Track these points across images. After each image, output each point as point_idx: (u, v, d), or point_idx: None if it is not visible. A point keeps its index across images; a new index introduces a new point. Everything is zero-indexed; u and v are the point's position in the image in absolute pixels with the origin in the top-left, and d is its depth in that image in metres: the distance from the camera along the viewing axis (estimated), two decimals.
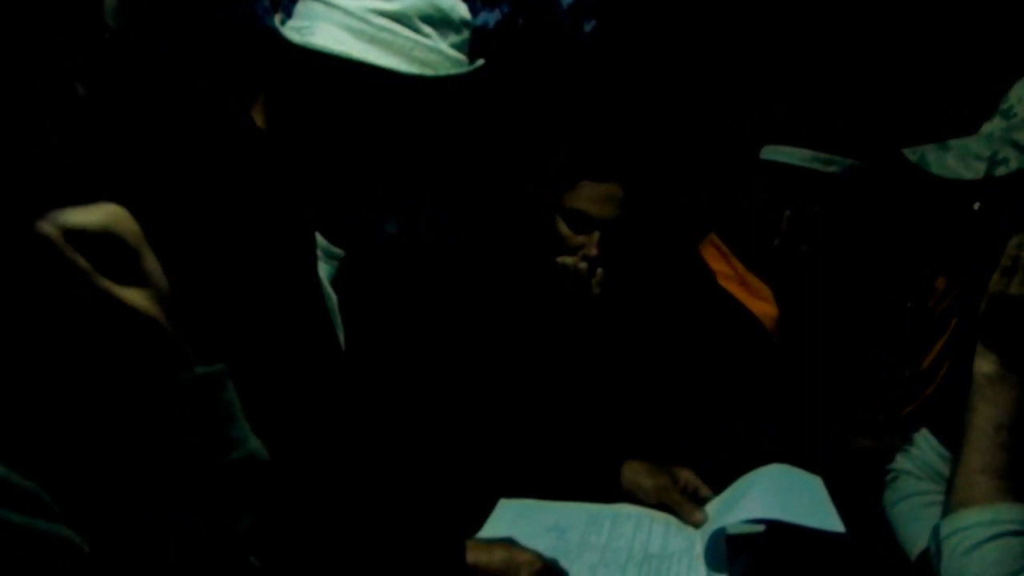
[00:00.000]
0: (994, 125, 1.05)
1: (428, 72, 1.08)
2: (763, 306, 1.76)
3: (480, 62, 1.15)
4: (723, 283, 1.76)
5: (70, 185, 0.52)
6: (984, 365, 1.00)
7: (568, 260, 1.53)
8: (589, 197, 1.53)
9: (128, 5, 0.51)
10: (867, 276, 1.81)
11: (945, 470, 1.15)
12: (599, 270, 1.52)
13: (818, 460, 1.61)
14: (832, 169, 1.63)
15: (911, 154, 1.05)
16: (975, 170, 1.00)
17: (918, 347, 1.80)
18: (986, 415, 0.98)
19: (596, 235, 1.52)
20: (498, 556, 1.13)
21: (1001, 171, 0.99)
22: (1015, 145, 0.99)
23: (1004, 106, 1.05)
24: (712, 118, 2.62)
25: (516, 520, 1.32)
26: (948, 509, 0.99)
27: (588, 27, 3.35)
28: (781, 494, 1.27)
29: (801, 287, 1.74)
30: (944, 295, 1.81)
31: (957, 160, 1.02)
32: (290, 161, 1.11)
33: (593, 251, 1.52)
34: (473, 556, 1.12)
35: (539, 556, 1.15)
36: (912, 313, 1.81)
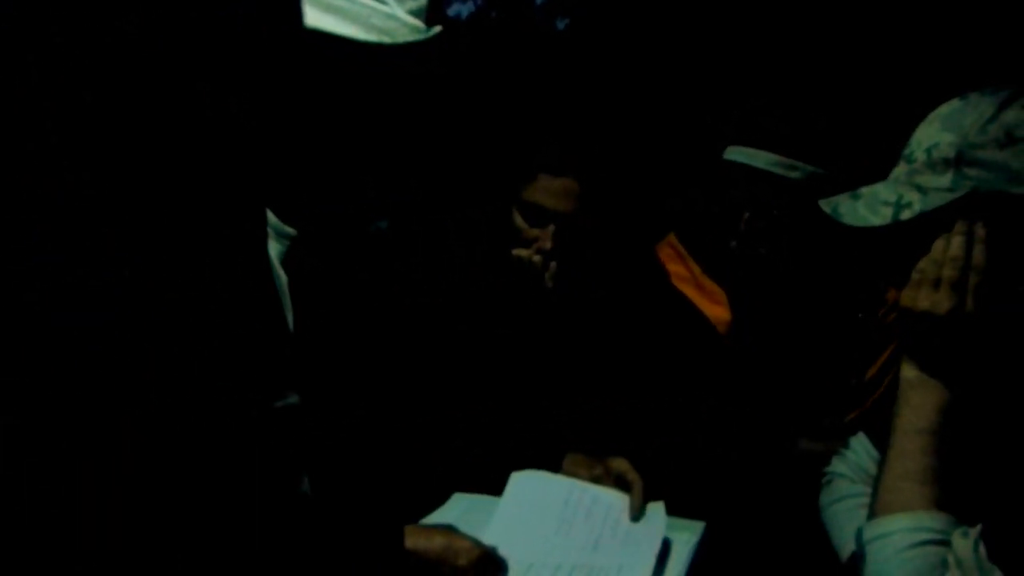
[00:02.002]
0: (899, 170, 1.08)
1: (386, 39, 1.06)
2: (716, 310, 1.77)
3: (437, 28, 1.14)
4: (678, 284, 1.77)
5: (69, 185, 0.51)
6: (907, 371, 1.03)
7: (523, 252, 1.53)
8: (545, 190, 1.53)
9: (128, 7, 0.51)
10: (820, 285, 1.83)
11: None
12: (552, 264, 1.53)
13: (764, 461, 1.64)
14: (795, 175, 1.64)
15: (825, 205, 1.09)
16: (883, 216, 1.04)
17: (865, 356, 1.82)
18: (909, 420, 1.01)
19: (551, 228, 1.53)
20: (437, 542, 1.13)
21: (906, 215, 1.02)
22: (918, 188, 1.02)
23: (906, 152, 1.08)
24: (690, 117, 2.61)
25: (466, 512, 1.33)
26: (872, 513, 1.00)
27: (561, 25, 3.34)
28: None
29: (755, 292, 1.76)
30: (894, 306, 1.83)
31: (866, 208, 1.05)
32: (245, 141, 1.10)
33: (547, 244, 1.53)
34: (412, 541, 1.12)
35: (478, 543, 1.16)
36: (862, 323, 1.83)
